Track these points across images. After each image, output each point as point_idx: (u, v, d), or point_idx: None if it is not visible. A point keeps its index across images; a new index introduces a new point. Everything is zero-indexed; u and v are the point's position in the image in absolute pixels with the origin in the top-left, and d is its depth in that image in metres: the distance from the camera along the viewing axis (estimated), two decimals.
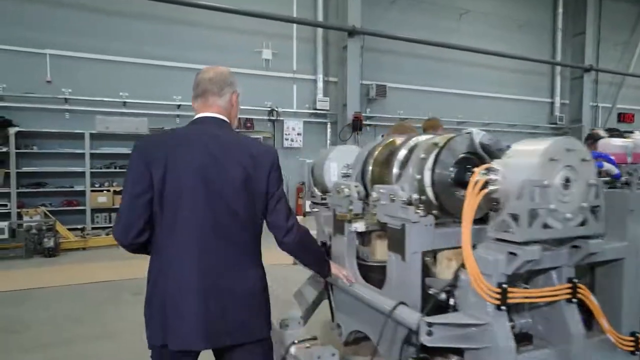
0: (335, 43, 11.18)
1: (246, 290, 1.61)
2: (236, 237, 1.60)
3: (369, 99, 11.39)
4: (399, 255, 1.55)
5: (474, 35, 12.35)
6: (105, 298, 4.78)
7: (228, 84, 1.76)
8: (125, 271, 5.69)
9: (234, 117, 1.83)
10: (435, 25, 12.03)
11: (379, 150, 1.89)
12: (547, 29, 13.85)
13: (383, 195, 1.60)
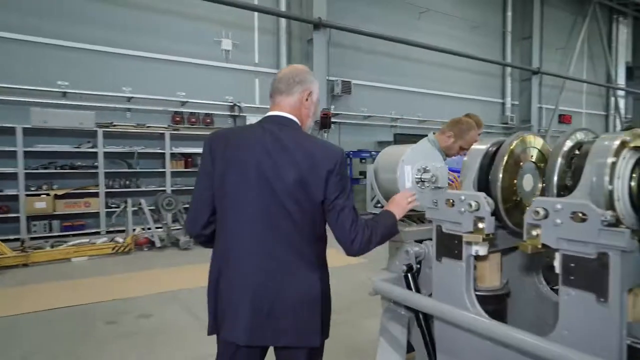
0: (300, 36, 10.69)
1: (297, 293, 1.56)
2: (290, 239, 1.56)
3: (334, 96, 11.03)
4: (592, 295, 1.14)
5: (433, 34, 12.43)
6: (73, 331, 3.79)
7: (297, 82, 1.68)
8: (91, 293, 4.82)
9: (306, 116, 1.72)
10: (397, 22, 11.95)
11: (509, 152, 1.47)
12: (498, 31, 14.32)
13: (560, 211, 1.18)
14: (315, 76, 1.80)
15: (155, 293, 4.80)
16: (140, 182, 8.87)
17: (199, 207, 1.66)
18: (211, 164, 1.62)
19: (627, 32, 17.73)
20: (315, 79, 1.75)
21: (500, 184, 1.44)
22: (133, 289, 4.95)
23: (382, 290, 1.74)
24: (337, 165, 1.56)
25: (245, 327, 1.54)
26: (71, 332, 3.78)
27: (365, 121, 11.74)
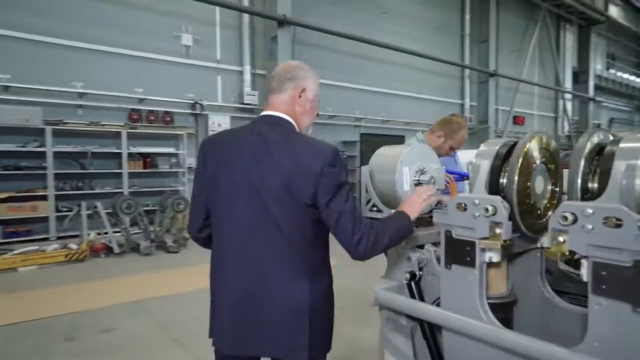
0: (264, 33, 10.46)
1: (282, 304, 1.48)
2: (276, 246, 1.48)
3: None
4: (627, 305, 1.08)
5: (396, 34, 12.57)
6: (25, 351, 3.38)
7: (289, 79, 1.61)
8: (44, 306, 4.39)
9: (301, 114, 1.64)
10: (361, 21, 11.98)
11: (523, 153, 1.39)
12: (457, 34, 14.71)
13: (591, 217, 1.11)
14: (311, 72, 1.67)
15: (118, 304, 4.47)
16: (95, 183, 8.34)
17: (193, 210, 1.66)
18: (203, 166, 1.60)
19: (573, 39, 18.75)
20: (311, 75, 1.66)
21: (516, 187, 1.36)
22: (92, 300, 4.58)
23: (385, 300, 1.63)
24: (326, 166, 1.45)
25: (229, 334, 1.53)
26: (24, 352, 3.41)
27: (330, 121, 11.67)
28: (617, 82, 21.59)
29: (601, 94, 20.44)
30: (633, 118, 23.67)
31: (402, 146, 1.94)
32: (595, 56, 19.57)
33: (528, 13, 16.91)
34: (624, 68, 22.20)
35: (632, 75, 22.78)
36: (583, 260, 1.19)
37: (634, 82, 23.10)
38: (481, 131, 14.97)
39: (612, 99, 21.95)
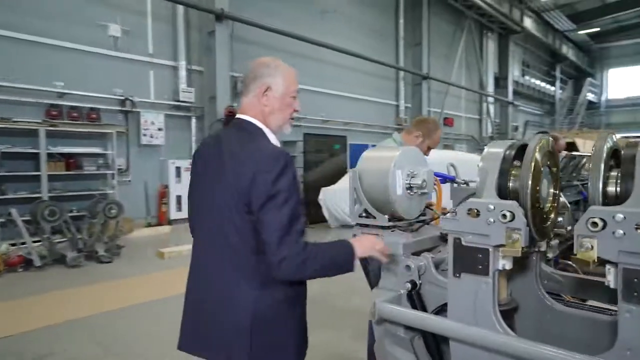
0: (200, 27, 9.96)
1: (228, 311, 1.45)
2: (226, 254, 1.47)
3: (236, 93, 10.49)
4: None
5: (335, 34, 12.62)
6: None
7: (252, 79, 1.56)
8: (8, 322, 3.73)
9: (269, 114, 1.56)
10: (301, 20, 11.87)
11: (534, 157, 1.34)
12: (392, 37, 15.14)
13: (622, 222, 1.08)
14: (280, 68, 1.57)
15: (44, 326, 3.92)
16: (6, 187, 7.37)
17: (188, 214, 1.67)
18: (194, 168, 1.63)
19: (494, 46, 20.19)
20: (279, 72, 1.56)
21: (529, 191, 1.31)
22: (11, 323, 3.99)
23: (391, 314, 1.51)
24: (258, 173, 1.38)
25: (183, 334, 1.59)
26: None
27: None
28: (531, 87, 23.64)
29: (518, 98, 22.24)
30: (544, 121, 26.06)
31: (391, 149, 1.84)
32: (513, 63, 21.24)
33: (456, 20, 17.90)
34: (536, 75, 24.36)
35: (542, 82, 25.08)
36: (609, 266, 1.16)
37: (545, 88, 25.45)
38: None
39: (527, 103, 24.00)
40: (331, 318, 4.00)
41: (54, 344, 3.55)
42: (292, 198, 1.39)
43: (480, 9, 17.23)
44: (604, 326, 1.48)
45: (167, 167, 9.36)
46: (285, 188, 1.38)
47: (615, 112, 29.63)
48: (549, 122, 25.83)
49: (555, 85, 26.57)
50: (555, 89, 26.55)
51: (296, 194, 1.42)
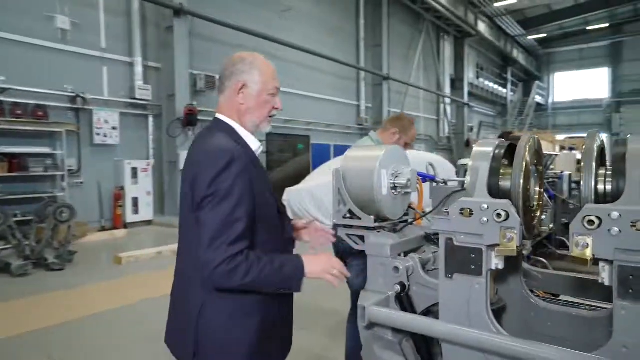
0: (157, 22, 9.59)
1: (185, 313, 1.44)
2: (190, 255, 1.45)
3: (196, 91, 10.20)
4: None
5: (296, 33, 12.56)
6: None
7: (227, 77, 1.50)
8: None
9: (245, 113, 1.50)
10: (262, 18, 11.73)
11: (525, 155, 1.33)
12: (353, 37, 15.26)
13: (618, 220, 1.08)
14: (256, 63, 1.50)
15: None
16: None
17: None
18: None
19: (451, 49, 20.83)
20: (254, 67, 1.49)
21: (521, 190, 1.30)
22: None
23: (382, 318, 1.46)
24: (199, 172, 1.33)
25: (166, 330, 1.57)
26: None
27: None
28: (484, 89, 24.61)
29: (473, 99, 23.08)
30: (496, 122, 27.22)
31: (374, 147, 1.81)
32: (468, 66, 22.02)
33: (414, 22, 18.30)
34: (489, 78, 25.39)
35: (495, 85, 26.18)
36: (604, 264, 1.17)
37: (497, 90, 26.58)
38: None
39: (481, 104, 24.96)
40: (304, 318, 3.92)
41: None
42: (230, 199, 1.29)
43: (438, 12, 17.72)
44: (587, 322, 1.51)
45: (123, 168, 8.93)
46: (222, 188, 1.29)
47: (561, 114, 31.45)
48: (501, 123, 27.00)
49: (507, 87, 27.82)
50: (507, 91, 27.80)
51: (237, 195, 1.30)
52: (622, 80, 28.61)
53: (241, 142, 1.46)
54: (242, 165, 1.34)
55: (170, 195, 9.66)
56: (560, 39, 29.35)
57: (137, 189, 9.05)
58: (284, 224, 1.58)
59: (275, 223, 1.49)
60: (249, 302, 1.39)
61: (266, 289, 1.36)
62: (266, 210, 1.43)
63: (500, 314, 1.59)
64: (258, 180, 1.42)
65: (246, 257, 1.29)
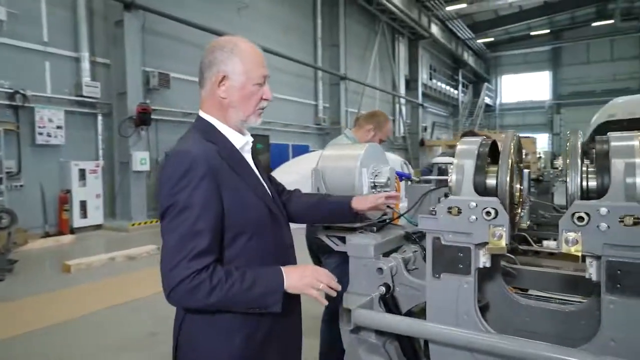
0: (105, 15, 9.09)
1: (173, 324, 1.33)
2: None
3: (149, 89, 9.76)
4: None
5: (252, 31, 12.32)
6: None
7: (206, 67, 1.33)
8: None
9: (228, 107, 1.34)
10: (217, 15, 11.42)
11: (510, 154, 1.33)
12: (310, 36, 15.23)
13: (606, 216, 1.09)
14: (237, 50, 1.32)
15: None
16: None
17: None
18: None
19: (405, 50, 21.32)
20: (236, 55, 1.31)
21: (508, 188, 1.30)
22: None
23: (369, 321, 1.41)
24: (163, 179, 1.21)
25: None
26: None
27: (186, 119, 10.81)
28: (437, 90, 25.41)
29: (426, 100, 23.76)
30: (449, 122, 28.19)
31: (353, 146, 1.76)
32: (422, 67, 22.63)
33: (370, 23, 18.55)
34: (441, 79, 26.25)
35: (447, 86, 27.10)
36: (591, 259, 1.18)
37: (449, 91, 27.53)
38: (334, 131, 15.83)
39: (434, 105, 25.76)
40: None
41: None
42: (189, 210, 1.15)
43: (393, 13, 18.06)
44: (565, 316, 1.53)
45: (69, 170, 8.37)
46: (181, 199, 1.16)
47: (508, 115, 33.11)
48: (453, 123, 28.00)
49: (458, 88, 28.88)
50: (458, 92, 28.87)
51: (198, 205, 1.16)
52: (562, 84, 30.55)
53: (219, 141, 1.32)
54: (203, 171, 1.19)
55: (122, 198, 9.19)
56: (507, 43, 30.90)
57: (85, 191, 8.53)
58: (279, 228, 1.38)
59: (263, 228, 1.31)
60: (227, 324, 1.24)
61: (238, 308, 1.21)
62: (249, 215, 1.27)
63: (483, 312, 1.59)
64: (235, 182, 1.27)
65: (211, 273, 1.14)
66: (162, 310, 4.27)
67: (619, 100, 6.42)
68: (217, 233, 1.19)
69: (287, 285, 1.22)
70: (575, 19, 27.34)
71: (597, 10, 25.40)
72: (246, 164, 1.36)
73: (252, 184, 1.32)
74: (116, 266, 6.19)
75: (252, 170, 1.36)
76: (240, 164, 1.33)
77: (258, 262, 1.26)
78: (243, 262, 1.25)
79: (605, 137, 1.27)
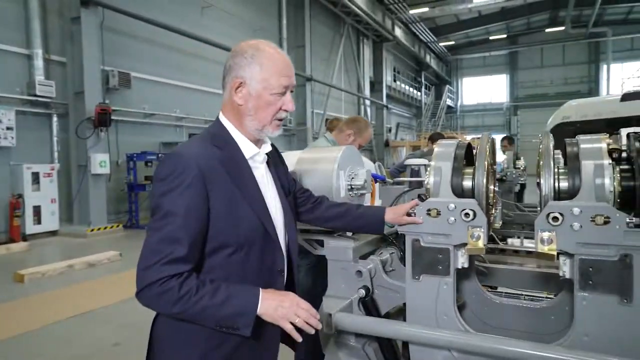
0: (60, 11, 8.67)
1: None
2: None
3: (109, 89, 9.39)
4: (615, 297, 1.12)
5: (216, 31, 12.13)
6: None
7: (227, 70, 1.30)
8: None
9: (245, 115, 1.29)
10: (180, 14, 11.14)
11: (486, 156, 1.35)
12: (276, 37, 15.12)
13: (579, 216, 1.12)
14: (258, 56, 1.25)
15: None
16: None
17: None
18: None
19: (369, 52, 21.58)
20: (254, 62, 1.25)
21: (484, 189, 1.33)
22: None
23: (350, 325, 1.40)
24: (155, 181, 1.20)
25: None
26: None
27: (147, 119, 10.49)
28: (401, 92, 25.89)
29: (390, 101, 24.15)
30: (412, 123, 28.79)
31: (330, 149, 1.75)
32: (386, 69, 22.99)
33: (335, 26, 18.65)
34: (405, 81, 26.77)
35: (410, 88, 27.67)
36: (564, 258, 1.22)
37: (412, 93, 28.11)
38: (300, 132, 15.82)
39: (398, 106, 26.23)
40: None
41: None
42: (171, 216, 1.13)
43: (357, 16, 18.23)
44: (537, 313, 1.58)
45: (21, 173, 7.91)
46: (163, 203, 1.14)
47: (468, 116, 34.18)
48: (416, 124, 28.62)
49: (421, 90, 29.55)
50: (421, 94, 29.53)
51: (181, 212, 1.13)
52: (518, 86, 31.88)
53: (226, 147, 1.26)
54: (191, 176, 1.15)
55: (80, 202, 8.78)
56: (467, 46, 31.93)
57: (39, 196, 8.09)
58: (271, 250, 1.28)
59: (251, 245, 1.23)
60: (198, 329, 1.18)
61: (207, 324, 1.14)
62: (236, 227, 1.20)
63: (460, 311, 1.61)
64: (229, 190, 1.20)
65: (181, 282, 1.10)
66: (125, 319, 4.11)
67: (572, 103, 6.75)
68: (197, 242, 1.15)
69: (261, 311, 1.14)
70: (530, 24, 28.61)
71: (549, 16, 26.68)
72: (249, 175, 1.27)
73: (249, 196, 1.24)
74: (75, 274, 5.90)
75: (254, 183, 1.28)
76: (241, 174, 1.25)
77: (238, 280, 1.19)
78: (221, 275, 1.19)
79: (575, 139, 1.32)
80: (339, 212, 1.50)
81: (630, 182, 1.21)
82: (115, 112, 9.24)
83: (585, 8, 22.82)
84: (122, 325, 3.95)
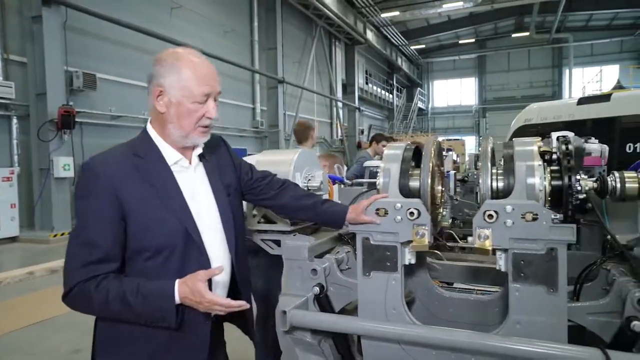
0: (19, 9, 8.38)
1: None
2: None
3: (73, 90, 9.13)
4: (543, 287, 1.21)
5: (186, 33, 11.99)
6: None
7: (149, 78, 1.31)
8: None
9: (167, 122, 1.30)
10: (148, 14, 10.96)
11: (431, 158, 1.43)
12: (247, 39, 15.07)
13: (511, 213, 1.21)
14: (177, 65, 1.26)
15: None
16: None
17: None
18: None
19: (342, 55, 21.76)
20: (173, 70, 1.26)
21: (429, 189, 1.40)
22: None
23: (304, 321, 1.45)
24: (78, 181, 1.27)
25: None
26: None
27: (114, 122, 10.24)
28: (373, 94, 26.19)
29: (363, 104, 24.40)
30: (384, 125, 29.14)
31: (286, 151, 1.80)
32: (358, 71, 23.22)
33: (307, 28, 18.72)
34: (377, 83, 27.11)
35: (382, 90, 28.04)
36: (500, 253, 1.31)
37: (384, 95, 28.49)
38: (272, 134, 15.79)
39: (370, 108, 26.53)
40: None
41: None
42: (85, 221, 1.19)
43: (329, 18, 18.35)
44: (483, 305, 1.68)
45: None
46: (79, 208, 1.22)
47: (439, 118, 34.92)
48: (388, 126, 29.00)
49: (393, 93, 29.97)
50: (393, 96, 29.96)
51: (94, 217, 1.18)
52: (487, 89, 32.81)
53: (147, 154, 1.29)
54: (99, 183, 1.20)
55: (42, 207, 8.50)
56: (437, 50, 32.64)
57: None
58: (197, 254, 1.27)
59: (170, 250, 1.23)
60: (138, 333, 1.24)
61: (134, 320, 1.20)
62: (151, 231, 1.21)
63: (410, 306, 1.69)
64: (144, 196, 1.22)
65: (98, 284, 1.15)
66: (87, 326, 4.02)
67: (534, 106, 7.06)
68: (112, 244, 1.18)
69: (177, 298, 1.18)
70: (497, 29, 29.51)
71: (515, 22, 27.58)
72: (169, 179, 1.28)
73: (166, 199, 1.25)
74: (36, 281, 5.73)
75: (175, 187, 1.28)
76: (160, 179, 1.27)
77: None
78: (129, 278, 1.22)
79: (511, 142, 1.42)
80: (306, 205, 1.53)
81: (558, 182, 1.31)
82: (80, 114, 8.98)
83: (548, 14, 23.70)
84: (82, 332, 3.87)
